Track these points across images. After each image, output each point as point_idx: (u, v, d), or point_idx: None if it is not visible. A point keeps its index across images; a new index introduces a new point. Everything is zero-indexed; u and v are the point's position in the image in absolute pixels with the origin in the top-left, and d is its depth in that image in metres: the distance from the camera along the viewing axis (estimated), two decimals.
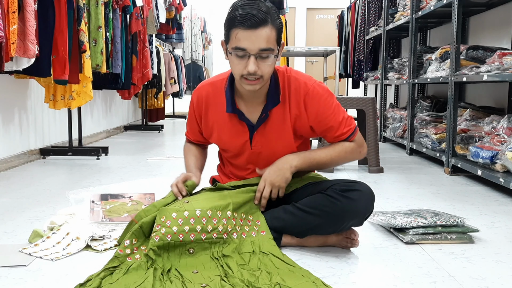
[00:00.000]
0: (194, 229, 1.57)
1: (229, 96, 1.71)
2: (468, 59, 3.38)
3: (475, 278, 1.52)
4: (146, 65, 5.25)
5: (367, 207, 1.67)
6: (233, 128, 1.74)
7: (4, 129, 3.46)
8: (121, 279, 1.41)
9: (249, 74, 1.56)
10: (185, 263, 1.53)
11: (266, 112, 1.70)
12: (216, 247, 1.59)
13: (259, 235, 1.67)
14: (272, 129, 1.73)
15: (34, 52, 2.78)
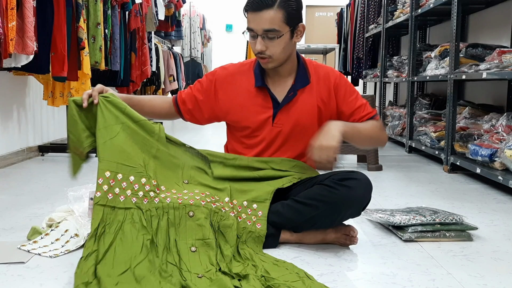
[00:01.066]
0: (194, 197, 1.60)
1: (259, 72, 1.79)
2: (467, 57, 3.38)
3: (473, 275, 1.52)
4: (145, 62, 5.24)
5: (365, 195, 1.68)
6: (257, 103, 1.79)
7: (2, 126, 3.46)
8: (118, 249, 1.45)
9: (258, 53, 1.69)
10: (185, 229, 1.54)
11: (294, 91, 1.78)
12: (215, 217, 1.60)
13: (254, 227, 1.67)
14: (297, 108, 1.79)
15: (33, 48, 2.77)
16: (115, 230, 1.51)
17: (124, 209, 1.55)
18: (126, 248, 1.47)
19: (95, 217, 1.53)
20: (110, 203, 1.55)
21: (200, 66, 8.98)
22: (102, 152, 1.60)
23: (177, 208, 1.56)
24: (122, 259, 1.43)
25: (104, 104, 1.66)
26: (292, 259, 1.63)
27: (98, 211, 1.53)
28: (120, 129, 1.64)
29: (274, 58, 1.71)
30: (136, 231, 1.51)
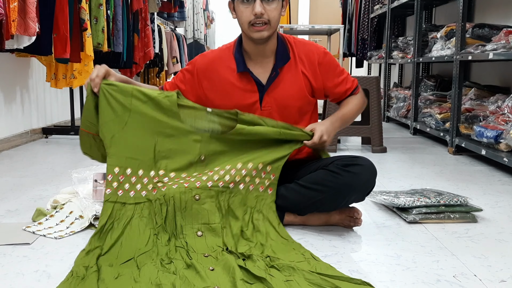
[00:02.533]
0: (200, 178, 1.59)
1: (239, 56, 1.75)
2: (473, 38, 3.34)
3: (477, 257, 1.52)
4: (148, 44, 5.21)
5: (369, 181, 1.67)
6: (242, 89, 1.75)
7: (6, 108, 3.45)
8: (124, 243, 1.45)
9: (256, 18, 1.63)
10: (191, 213, 1.54)
11: (276, 70, 1.75)
12: (222, 196, 1.59)
13: (266, 193, 1.66)
14: (283, 88, 1.76)
15: (35, 30, 2.75)
16: (124, 225, 1.51)
17: (134, 204, 1.56)
18: (132, 241, 1.47)
19: (104, 213, 1.53)
20: (121, 200, 1.55)
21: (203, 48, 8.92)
22: (110, 147, 1.59)
23: (183, 192, 1.55)
24: (127, 252, 1.43)
25: (109, 93, 1.60)
26: (296, 240, 1.63)
27: (108, 208, 1.54)
28: (128, 118, 1.60)
29: (272, 25, 1.67)
30: (144, 225, 1.52)
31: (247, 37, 1.72)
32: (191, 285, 1.25)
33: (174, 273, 1.32)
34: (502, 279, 1.35)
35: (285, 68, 1.76)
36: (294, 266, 1.35)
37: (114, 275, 1.30)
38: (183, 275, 1.30)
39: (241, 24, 1.69)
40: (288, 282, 1.27)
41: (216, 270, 1.34)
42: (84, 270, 1.32)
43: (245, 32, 1.71)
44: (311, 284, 1.26)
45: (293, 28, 5.08)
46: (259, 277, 1.28)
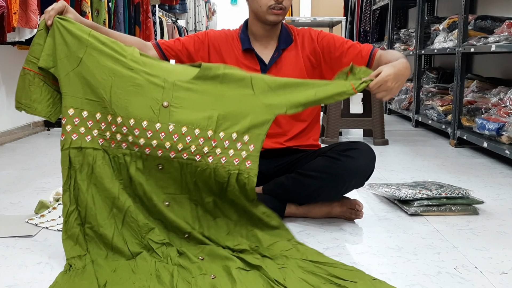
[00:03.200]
0: (163, 145, 1.42)
1: (245, 37, 1.81)
2: (476, 30, 3.33)
3: (479, 249, 1.52)
4: (149, 36, 5.19)
5: (368, 165, 1.67)
6: (245, 66, 1.78)
7: (8, 101, 3.46)
8: (98, 203, 1.42)
9: (277, 4, 1.69)
10: (155, 181, 1.45)
11: (279, 51, 1.80)
12: (188, 169, 1.44)
13: (243, 165, 1.46)
14: (284, 67, 1.79)
15: (37, 22, 2.75)
16: (87, 175, 1.42)
17: (92, 149, 1.43)
18: (104, 196, 1.41)
19: (63, 165, 1.42)
20: (75, 144, 1.42)
21: None
22: (64, 86, 1.43)
23: (145, 159, 1.43)
24: (103, 210, 1.40)
25: (64, 27, 1.44)
26: (297, 233, 1.63)
27: (65, 157, 1.42)
28: (84, 54, 1.44)
29: (285, 11, 1.75)
30: (110, 174, 1.43)
31: (259, 19, 1.76)
32: (188, 274, 1.26)
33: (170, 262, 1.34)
34: (503, 271, 1.36)
35: (287, 50, 1.81)
36: (287, 254, 1.36)
37: (112, 268, 1.31)
38: (178, 263, 1.32)
39: (259, 7, 1.72)
40: (283, 269, 1.29)
41: (206, 259, 1.35)
42: (79, 261, 1.33)
43: (260, 14, 1.74)
44: (306, 272, 1.28)
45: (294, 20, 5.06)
46: (255, 265, 1.29)
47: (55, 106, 1.51)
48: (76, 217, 1.41)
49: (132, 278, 1.26)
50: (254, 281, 1.24)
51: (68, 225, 1.40)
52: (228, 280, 1.24)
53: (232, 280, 1.23)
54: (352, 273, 1.27)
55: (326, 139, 3.43)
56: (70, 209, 1.41)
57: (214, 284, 1.21)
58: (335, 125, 3.44)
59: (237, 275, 1.25)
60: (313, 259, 1.34)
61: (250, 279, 1.24)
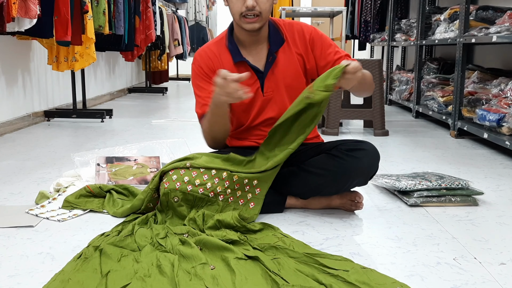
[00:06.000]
0: (182, 179, 1.58)
1: (233, 47, 1.71)
2: (477, 20, 3.31)
3: (478, 240, 1.53)
4: (149, 26, 5.18)
5: (372, 166, 1.67)
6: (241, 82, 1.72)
7: (7, 91, 3.45)
8: (137, 233, 1.48)
9: (248, 10, 1.59)
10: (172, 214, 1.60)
11: (272, 55, 1.72)
12: (199, 202, 1.59)
13: (246, 206, 1.62)
14: (281, 70, 1.74)
15: (36, 12, 2.73)
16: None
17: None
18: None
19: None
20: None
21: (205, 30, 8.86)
22: None
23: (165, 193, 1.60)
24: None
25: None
26: (297, 223, 1.64)
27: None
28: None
29: (263, 16, 1.63)
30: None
31: (238, 26, 1.68)
32: (188, 264, 1.27)
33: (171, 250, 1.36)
34: (502, 262, 1.36)
35: (280, 51, 1.73)
36: (276, 245, 1.37)
37: (117, 256, 1.32)
38: (179, 252, 1.33)
39: (233, 15, 1.65)
40: (276, 259, 1.30)
41: (204, 250, 1.37)
42: (93, 250, 1.34)
43: (237, 22, 1.67)
44: (298, 263, 1.29)
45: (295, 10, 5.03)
46: (251, 256, 1.30)
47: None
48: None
49: (135, 267, 1.26)
50: (252, 271, 1.24)
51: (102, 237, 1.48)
52: (227, 271, 1.24)
53: (231, 270, 1.24)
54: (342, 263, 1.28)
55: (326, 130, 3.42)
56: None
57: (213, 275, 1.22)
58: (335, 116, 3.43)
59: (236, 265, 1.26)
60: (302, 251, 1.35)
61: (248, 269, 1.25)
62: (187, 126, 3.81)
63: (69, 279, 1.20)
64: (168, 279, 1.20)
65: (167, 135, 3.40)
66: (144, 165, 2.10)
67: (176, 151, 2.39)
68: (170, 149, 2.38)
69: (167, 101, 5.77)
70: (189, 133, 3.48)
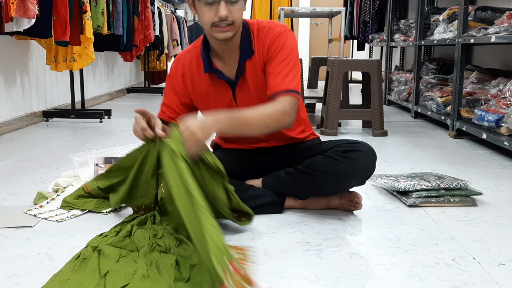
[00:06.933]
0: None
1: (205, 56, 1.66)
2: (476, 20, 3.31)
3: (477, 240, 1.53)
4: (148, 27, 5.17)
5: (369, 167, 1.66)
6: (215, 89, 1.69)
7: (6, 92, 3.45)
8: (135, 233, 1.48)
9: (220, 21, 1.51)
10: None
11: (241, 65, 1.64)
12: None
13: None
14: (250, 81, 1.67)
15: (35, 12, 2.73)
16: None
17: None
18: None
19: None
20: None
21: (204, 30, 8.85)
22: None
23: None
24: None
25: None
26: (296, 224, 1.64)
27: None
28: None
29: (236, 25, 1.55)
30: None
31: (211, 36, 1.59)
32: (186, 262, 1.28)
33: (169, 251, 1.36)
34: (501, 262, 1.36)
35: (248, 62, 1.65)
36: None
37: (116, 257, 1.31)
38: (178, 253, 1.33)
39: (203, 24, 1.56)
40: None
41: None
42: (91, 251, 1.33)
43: (207, 32, 1.59)
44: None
45: (294, 10, 5.03)
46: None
47: None
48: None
49: (133, 267, 1.26)
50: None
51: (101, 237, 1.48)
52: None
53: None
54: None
55: (325, 130, 3.42)
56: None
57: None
58: (334, 116, 3.43)
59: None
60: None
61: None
62: None
63: (68, 279, 1.19)
64: (167, 279, 1.20)
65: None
66: None
67: None
68: None
69: None
70: None
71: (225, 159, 1.72)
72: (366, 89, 3.72)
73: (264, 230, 1.58)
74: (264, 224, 1.63)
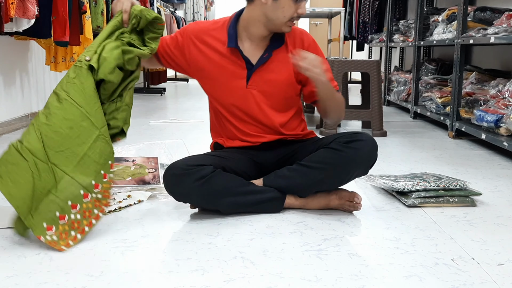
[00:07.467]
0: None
1: (233, 32, 1.73)
2: (475, 21, 3.32)
3: (476, 240, 1.53)
4: None
5: (371, 155, 1.69)
6: (229, 64, 1.73)
7: (5, 92, 3.45)
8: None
9: (297, 17, 1.67)
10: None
11: (269, 52, 1.74)
12: None
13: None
14: (273, 70, 1.75)
15: (34, 12, 2.73)
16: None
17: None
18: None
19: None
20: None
21: None
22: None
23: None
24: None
25: None
26: (296, 224, 1.64)
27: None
28: None
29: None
30: None
31: (270, 27, 1.69)
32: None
33: None
34: (500, 263, 1.37)
35: (277, 51, 1.75)
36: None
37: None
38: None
39: (280, 17, 1.65)
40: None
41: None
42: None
43: (277, 23, 1.67)
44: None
45: None
46: None
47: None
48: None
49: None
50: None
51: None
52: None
53: None
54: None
55: (324, 130, 3.43)
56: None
57: None
58: None
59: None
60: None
61: None
62: (185, 126, 3.81)
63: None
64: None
65: (165, 135, 3.40)
66: (143, 166, 2.10)
67: (175, 151, 2.38)
68: (168, 150, 2.37)
69: (165, 101, 5.76)
70: (187, 133, 3.47)
71: (228, 158, 1.75)
72: (366, 90, 3.72)
73: (263, 230, 1.58)
74: (263, 224, 1.63)
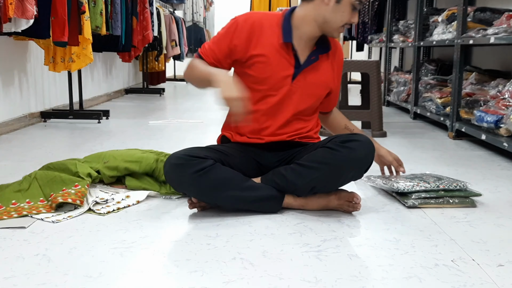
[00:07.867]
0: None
1: (288, 27, 1.76)
2: (475, 21, 3.31)
3: (476, 241, 1.53)
4: (146, 27, 5.17)
5: (367, 156, 1.68)
6: (281, 59, 1.76)
7: (4, 92, 3.44)
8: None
9: (349, 24, 1.74)
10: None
11: (316, 56, 1.79)
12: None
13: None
14: (317, 75, 1.81)
15: (33, 13, 2.72)
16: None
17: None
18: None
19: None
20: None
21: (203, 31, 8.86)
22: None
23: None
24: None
25: None
26: (295, 225, 1.63)
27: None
28: None
29: None
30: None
31: (322, 28, 1.74)
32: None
33: None
34: (500, 264, 1.36)
35: (323, 56, 1.82)
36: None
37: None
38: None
39: (338, 20, 1.71)
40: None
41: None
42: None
43: (331, 26, 1.72)
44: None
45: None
46: None
47: None
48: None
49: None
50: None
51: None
52: None
53: None
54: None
55: (324, 131, 3.42)
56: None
57: None
58: None
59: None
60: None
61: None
62: (184, 127, 3.80)
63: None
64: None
65: (164, 136, 3.39)
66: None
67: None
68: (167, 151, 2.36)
69: (165, 102, 5.75)
70: (186, 134, 3.47)
71: (229, 154, 1.75)
72: (365, 90, 3.71)
73: (262, 231, 1.57)
74: (262, 225, 1.63)
